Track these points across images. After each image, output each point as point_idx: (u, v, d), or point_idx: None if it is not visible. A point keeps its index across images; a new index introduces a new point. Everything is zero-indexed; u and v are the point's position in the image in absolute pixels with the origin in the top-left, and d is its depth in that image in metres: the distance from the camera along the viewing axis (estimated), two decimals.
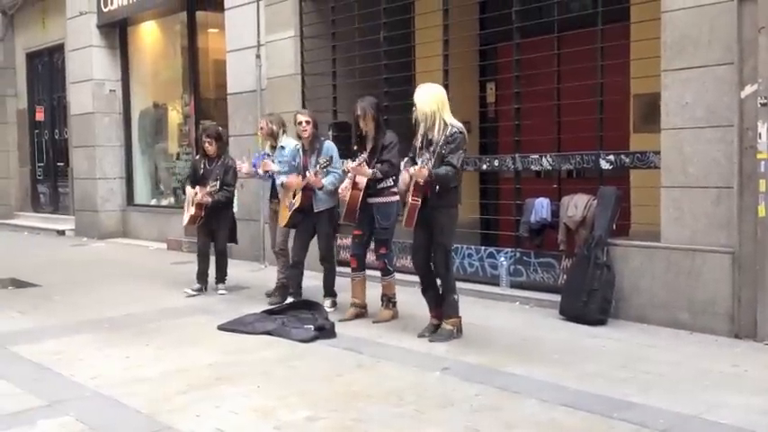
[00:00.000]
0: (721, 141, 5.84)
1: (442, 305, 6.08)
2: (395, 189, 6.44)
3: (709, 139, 5.90)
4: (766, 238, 5.60)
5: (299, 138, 7.21)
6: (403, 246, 8.28)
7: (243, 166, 7.94)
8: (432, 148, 5.77)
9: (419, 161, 5.74)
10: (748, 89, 5.65)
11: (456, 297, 6.04)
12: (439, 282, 6.10)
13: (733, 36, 5.70)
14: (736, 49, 5.68)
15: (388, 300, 6.68)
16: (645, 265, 6.32)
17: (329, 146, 7.08)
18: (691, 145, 6.01)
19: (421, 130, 5.90)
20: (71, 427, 4.28)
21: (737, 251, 5.77)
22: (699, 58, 5.93)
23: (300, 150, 7.18)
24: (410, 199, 5.77)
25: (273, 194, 7.82)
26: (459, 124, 5.86)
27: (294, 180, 7.02)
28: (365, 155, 6.49)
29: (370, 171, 6.38)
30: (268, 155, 7.79)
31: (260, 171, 7.75)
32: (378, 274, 6.81)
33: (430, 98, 5.81)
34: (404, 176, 5.94)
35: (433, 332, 6.06)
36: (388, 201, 6.52)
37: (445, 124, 5.78)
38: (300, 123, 7.07)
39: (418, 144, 5.93)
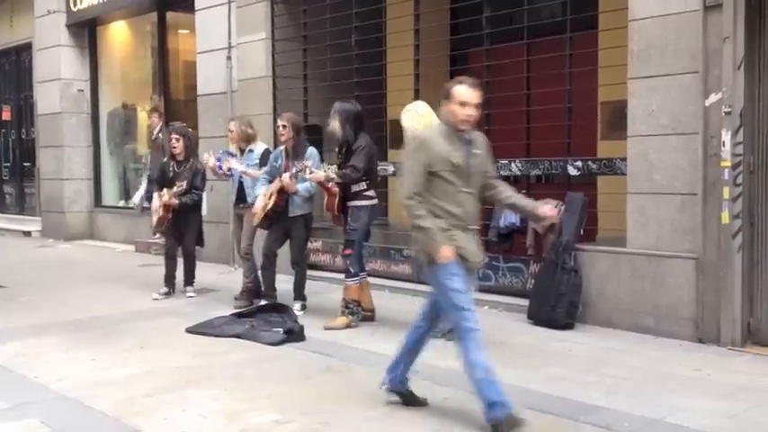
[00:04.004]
0: (686, 149, 5.93)
1: None
2: (368, 193, 6.51)
3: (675, 147, 5.99)
4: (729, 245, 5.70)
5: (279, 141, 7.18)
6: (374, 250, 8.31)
7: (209, 160, 7.74)
8: None
9: None
10: (713, 98, 5.75)
11: None
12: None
13: (698, 45, 5.80)
14: (701, 59, 5.78)
15: (346, 305, 6.57)
16: (611, 270, 6.40)
17: (312, 152, 7.07)
18: (656, 152, 6.10)
19: None
20: (35, 429, 4.24)
21: (701, 257, 5.86)
22: (665, 67, 6.02)
23: (283, 153, 7.16)
24: None
25: (239, 199, 7.76)
26: None
27: (271, 188, 7.03)
28: (301, 164, 6.66)
29: (322, 175, 6.53)
30: (232, 154, 7.70)
31: (223, 167, 7.61)
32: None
33: (416, 120, 5.85)
34: None
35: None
36: (361, 204, 6.54)
37: None
38: (278, 127, 7.10)
39: None
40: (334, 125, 6.56)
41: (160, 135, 11.32)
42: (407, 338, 4.51)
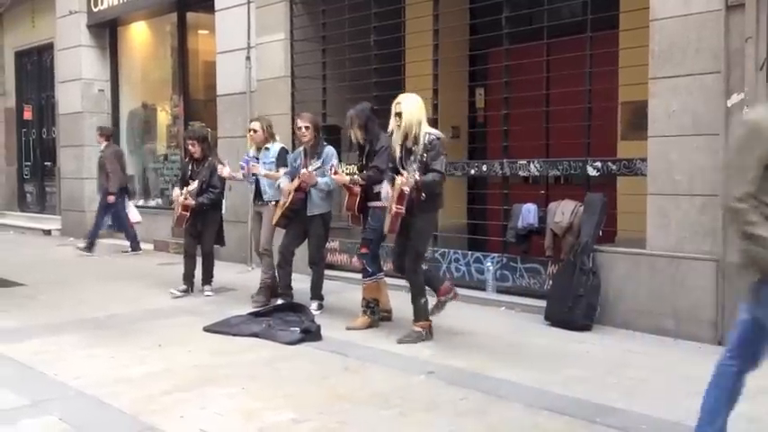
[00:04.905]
0: (707, 149, 5.88)
1: (437, 288, 6.18)
2: None
3: (696, 148, 5.94)
4: None
5: (300, 142, 7.18)
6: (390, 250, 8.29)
7: (224, 170, 7.81)
8: (413, 157, 5.84)
9: (406, 171, 5.74)
10: (735, 98, 5.70)
11: (424, 300, 6.07)
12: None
13: (720, 45, 5.75)
14: (723, 59, 5.73)
15: (366, 304, 6.59)
16: (630, 271, 6.35)
17: (330, 151, 7.07)
18: (677, 153, 6.05)
19: (399, 140, 5.93)
20: (54, 426, 4.26)
21: (722, 259, 5.81)
22: (686, 67, 5.97)
23: (302, 154, 7.16)
24: (394, 207, 5.77)
25: (257, 196, 7.79)
26: (437, 131, 5.96)
27: (287, 187, 7.02)
28: (316, 164, 6.74)
29: (347, 178, 6.48)
30: (257, 158, 7.73)
31: (241, 175, 7.67)
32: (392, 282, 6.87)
33: (416, 109, 5.89)
34: (386, 188, 6.00)
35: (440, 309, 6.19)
36: (382, 205, 6.52)
37: (422, 133, 5.86)
38: (300, 129, 7.06)
39: (398, 154, 5.97)
40: (357, 134, 6.53)
41: (102, 155, 11.54)
42: (719, 385, 3.72)
